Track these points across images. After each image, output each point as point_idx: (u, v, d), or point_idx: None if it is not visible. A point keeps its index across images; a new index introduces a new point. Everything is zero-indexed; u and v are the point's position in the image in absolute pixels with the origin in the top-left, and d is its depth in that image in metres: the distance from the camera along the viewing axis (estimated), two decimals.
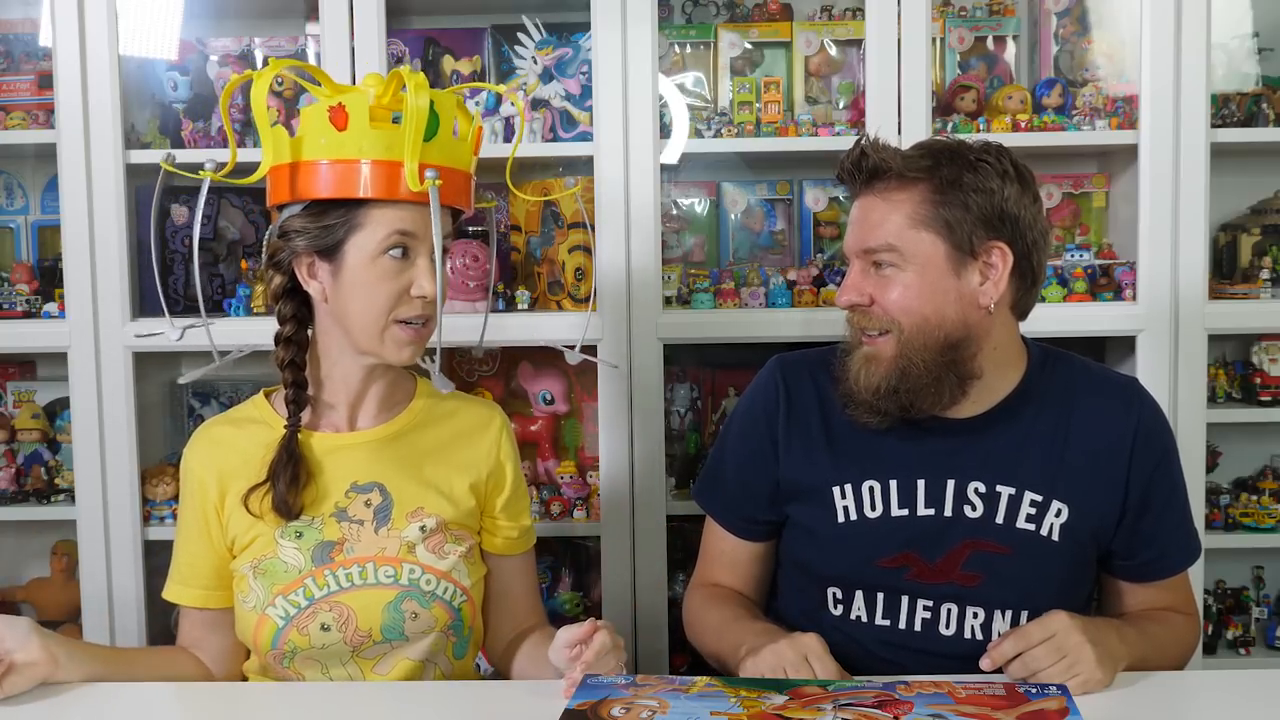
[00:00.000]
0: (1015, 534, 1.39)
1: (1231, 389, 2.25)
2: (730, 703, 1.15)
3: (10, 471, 2.20)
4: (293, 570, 1.36)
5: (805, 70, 2.24)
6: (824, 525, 1.44)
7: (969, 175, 1.34)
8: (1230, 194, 2.24)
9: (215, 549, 1.41)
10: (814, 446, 1.46)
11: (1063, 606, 1.32)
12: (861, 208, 1.40)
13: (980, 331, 1.37)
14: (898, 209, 1.36)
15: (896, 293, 1.36)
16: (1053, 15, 2.24)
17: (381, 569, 1.37)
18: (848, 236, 1.43)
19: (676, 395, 2.22)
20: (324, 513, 1.39)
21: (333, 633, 1.35)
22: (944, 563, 1.39)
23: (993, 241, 1.35)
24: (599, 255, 2.03)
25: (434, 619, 1.38)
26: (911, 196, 1.35)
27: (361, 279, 1.32)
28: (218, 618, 1.44)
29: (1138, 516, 1.42)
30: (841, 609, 1.44)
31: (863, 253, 1.39)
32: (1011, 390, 1.42)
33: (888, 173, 1.37)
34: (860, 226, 1.39)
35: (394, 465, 1.42)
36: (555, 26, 2.16)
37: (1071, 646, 1.23)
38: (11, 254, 2.36)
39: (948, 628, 1.40)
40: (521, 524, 1.51)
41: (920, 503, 1.40)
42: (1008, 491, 1.39)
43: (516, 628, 1.51)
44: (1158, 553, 1.44)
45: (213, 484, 1.40)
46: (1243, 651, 2.22)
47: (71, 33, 2.01)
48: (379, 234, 1.31)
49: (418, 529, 1.39)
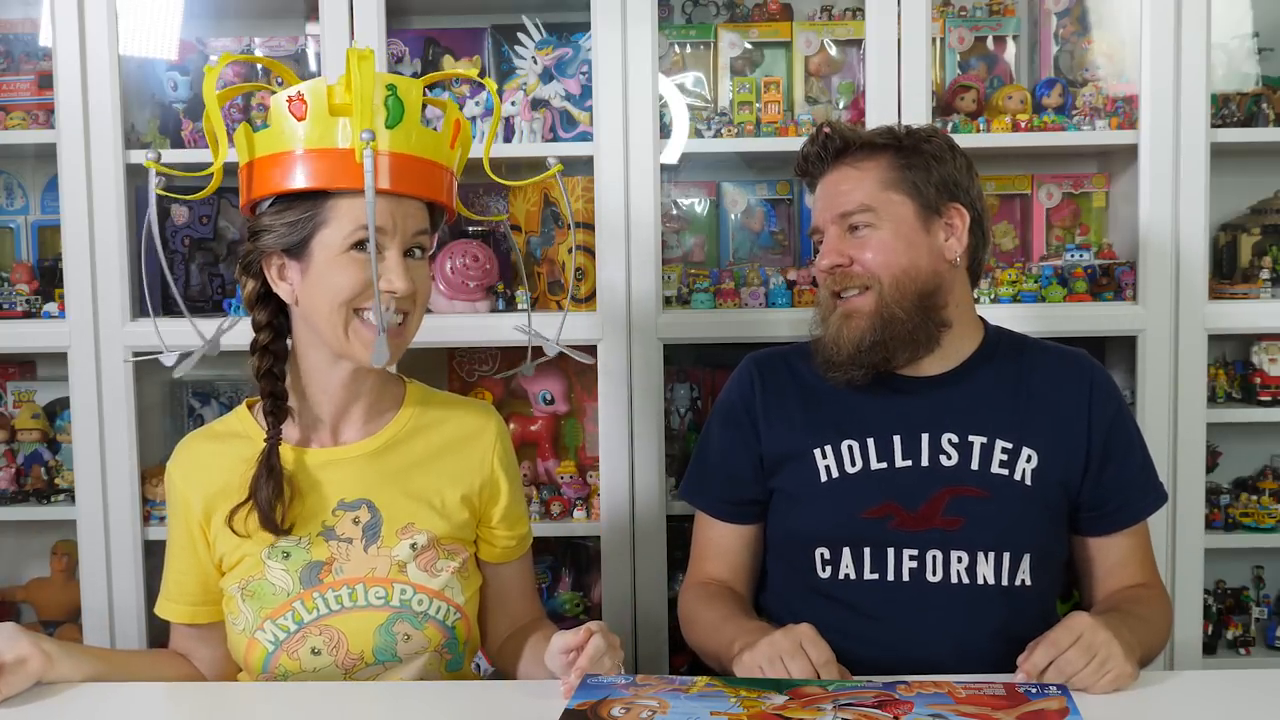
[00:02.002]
0: (990, 478, 1.47)
1: (1231, 389, 2.25)
2: (730, 703, 1.15)
3: (10, 471, 2.20)
4: (281, 593, 1.33)
5: (805, 70, 2.24)
6: (808, 486, 1.50)
7: (926, 145, 1.50)
8: (1230, 194, 2.24)
9: (202, 565, 1.39)
10: (792, 417, 1.55)
11: (1041, 553, 1.46)
12: (831, 180, 1.52)
13: (948, 283, 1.50)
14: (868, 174, 1.49)
15: (873, 250, 1.47)
16: (1053, 15, 2.24)
17: (372, 590, 1.34)
18: (818, 210, 1.54)
19: (676, 395, 2.22)
20: (311, 531, 1.35)
21: (323, 656, 1.33)
22: (925, 509, 1.46)
23: (952, 204, 1.49)
24: (600, 255, 2.03)
25: (427, 640, 1.36)
26: (879, 163, 1.49)
27: (327, 275, 1.28)
28: (206, 632, 1.42)
29: (1101, 465, 1.50)
30: (830, 570, 1.48)
31: (839, 218, 1.50)
32: (974, 350, 1.53)
33: (855, 144, 1.51)
34: (832, 196, 1.51)
35: (382, 480, 1.38)
36: (555, 26, 2.16)
37: (1100, 644, 1.24)
38: (11, 254, 2.36)
39: (934, 574, 1.45)
40: (519, 532, 1.48)
41: (898, 455, 1.48)
42: (980, 440, 1.48)
43: (514, 625, 1.50)
44: (1123, 500, 1.51)
45: (197, 502, 1.37)
46: (1243, 651, 2.22)
47: (71, 33, 2.01)
48: (345, 228, 1.27)
49: (408, 547, 1.36)
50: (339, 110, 1.27)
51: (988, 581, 1.45)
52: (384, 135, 1.27)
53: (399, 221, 1.29)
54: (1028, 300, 2.07)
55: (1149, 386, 2.03)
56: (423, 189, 1.32)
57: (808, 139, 1.55)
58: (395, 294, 1.29)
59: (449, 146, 1.35)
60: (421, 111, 1.32)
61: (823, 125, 1.54)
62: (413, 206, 1.31)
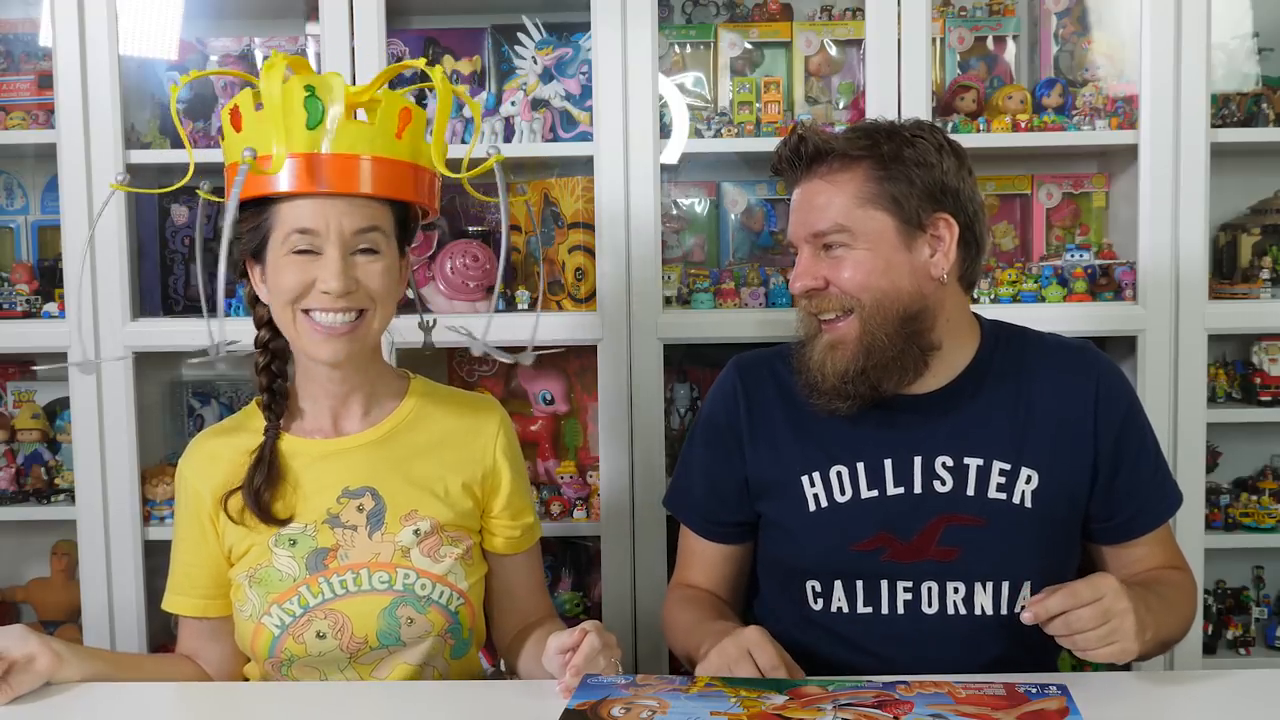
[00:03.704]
0: (987, 504, 1.39)
1: (1231, 389, 2.25)
2: (730, 703, 1.15)
3: (10, 471, 2.20)
4: (287, 579, 1.36)
5: (805, 70, 2.24)
6: (796, 516, 1.44)
7: (909, 150, 1.36)
8: (1230, 194, 2.24)
9: (212, 558, 1.41)
10: (779, 439, 1.47)
11: (1043, 577, 1.34)
12: (805, 193, 1.40)
13: (935, 303, 1.39)
14: (843, 189, 1.37)
15: (850, 271, 1.37)
16: (1053, 15, 2.24)
17: (375, 575, 1.36)
18: (792, 224, 1.43)
19: (676, 395, 2.22)
20: (316, 520, 1.38)
21: (328, 640, 1.35)
22: (919, 540, 1.39)
23: (938, 214, 1.37)
24: (599, 255, 2.03)
25: (430, 624, 1.37)
26: (855, 176, 1.37)
27: (274, 277, 1.33)
28: (216, 626, 1.44)
29: (1111, 476, 1.42)
30: (822, 603, 1.44)
31: (812, 237, 1.39)
32: (968, 363, 1.43)
33: (829, 154, 1.38)
34: (805, 211, 1.40)
35: (385, 468, 1.41)
36: (555, 26, 2.16)
37: (1118, 612, 1.20)
38: (11, 254, 2.36)
39: (930, 606, 1.40)
40: (523, 522, 1.49)
41: (889, 482, 1.41)
42: (975, 463, 1.40)
43: (522, 622, 1.50)
44: (1136, 507, 1.44)
45: (208, 496, 1.41)
46: (1243, 651, 2.22)
47: (71, 33, 2.01)
48: (282, 232, 1.31)
49: (411, 532, 1.38)
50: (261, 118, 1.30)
51: (986, 612, 1.39)
52: (308, 137, 1.28)
53: (332, 221, 1.30)
54: (1027, 300, 2.07)
55: (1149, 387, 2.03)
56: (354, 185, 1.31)
57: (781, 140, 1.43)
58: (329, 293, 1.30)
59: (394, 137, 1.33)
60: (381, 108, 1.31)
61: (796, 128, 1.42)
62: (353, 205, 1.31)
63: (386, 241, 1.35)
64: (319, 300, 1.31)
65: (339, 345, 1.32)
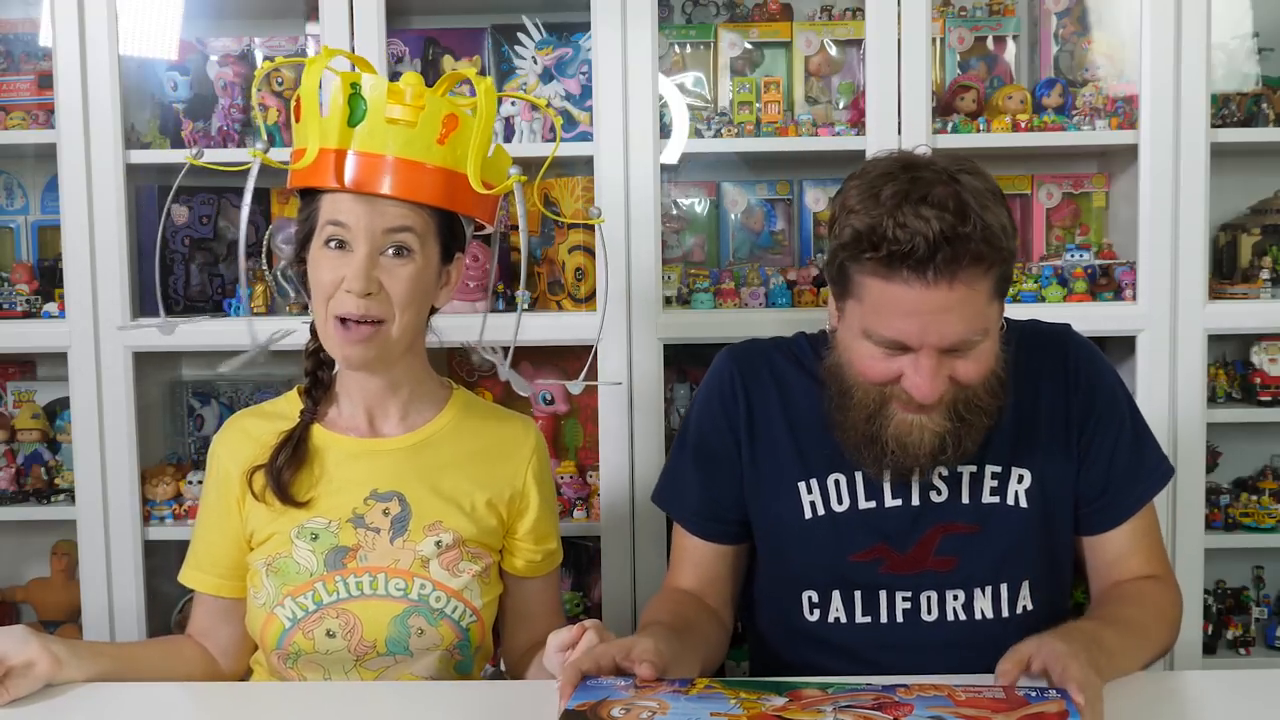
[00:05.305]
0: (982, 509, 1.39)
1: (1231, 389, 2.25)
2: (730, 704, 1.15)
3: (10, 471, 2.20)
4: (304, 572, 1.36)
5: (805, 70, 2.24)
6: (792, 523, 1.41)
7: (1008, 223, 1.27)
8: (1230, 194, 2.24)
9: (234, 539, 1.41)
10: (777, 441, 1.43)
11: (1042, 574, 1.38)
12: (935, 299, 1.22)
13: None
14: (980, 293, 1.24)
15: (977, 365, 1.28)
16: (1053, 15, 2.24)
17: (393, 581, 1.36)
18: (911, 328, 1.24)
19: (676, 395, 2.22)
20: (341, 517, 1.38)
21: (337, 640, 1.35)
22: (916, 551, 1.38)
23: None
24: (600, 255, 2.03)
25: (439, 637, 1.37)
26: (989, 274, 1.24)
27: (313, 272, 1.34)
28: (230, 607, 1.44)
29: (1085, 456, 1.40)
30: (819, 613, 1.42)
31: (948, 346, 1.25)
32: None
33: (979, 260, 1.22)
34: (939, 320, 1.23)
35: (416, 476, 1.40)
36: (555, 26, 2.16)
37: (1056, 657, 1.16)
38: (11, 254, 2.36)
39: (930, 613, 1.40)
40: (546, 548, 1.48)
41: (887, 494, 1.39)
42: (968, 470, 1.39)
43: (533, 642, 1.47)
44: (1113, 491, 1.41)
45: (235, 474, 1.41)
46: (1243, 651, 2.22)
47: (71, 33, 2.01)
48: (321, 222, 1.32)
49: (433, 544, 1.37)
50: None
51: (986, 616, 1.39)
52: (344, 133, 1.30)
53: (362, 218, 1.30)
54: (1027, 300, 2.07)
55: (1149, 387, 2.03)
56: (376, 185, 1.31)
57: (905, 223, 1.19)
58: (351, 292, 1.30)
59: (435, 143, 1.31)
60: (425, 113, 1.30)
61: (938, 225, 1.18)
62: (387, 205, 1.31)
63: (420, 245, 1.33)
64: (341, 301, 1.30)
65: (357, 350, 1.32)
